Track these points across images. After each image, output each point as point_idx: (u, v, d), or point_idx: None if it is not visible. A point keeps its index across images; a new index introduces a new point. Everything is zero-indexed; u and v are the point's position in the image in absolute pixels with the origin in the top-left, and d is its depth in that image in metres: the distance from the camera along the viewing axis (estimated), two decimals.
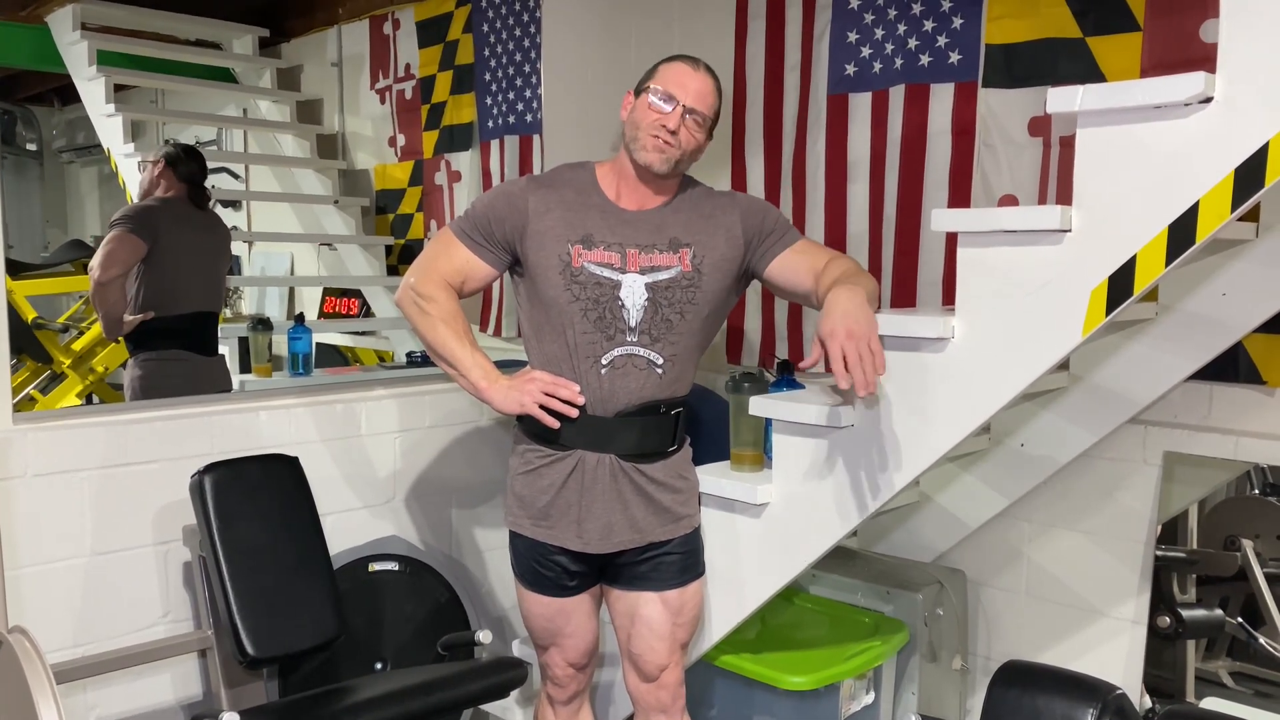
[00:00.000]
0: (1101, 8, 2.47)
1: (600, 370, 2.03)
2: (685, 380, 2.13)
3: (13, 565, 2.12)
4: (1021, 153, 2.63)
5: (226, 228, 3.63)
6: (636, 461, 2.07)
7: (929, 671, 2.68)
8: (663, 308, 2.03)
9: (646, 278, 2.02)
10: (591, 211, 2.05)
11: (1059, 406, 2.51)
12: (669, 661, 2.17)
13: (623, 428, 2.05)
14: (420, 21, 4.03)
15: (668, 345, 2.04)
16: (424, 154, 4.06)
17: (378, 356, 4.31)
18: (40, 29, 3.99)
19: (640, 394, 2.04)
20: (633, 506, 2.07)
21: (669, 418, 2.10)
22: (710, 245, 2.07)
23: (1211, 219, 1.62)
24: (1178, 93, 1.62)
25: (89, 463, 2.29)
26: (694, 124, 2.01)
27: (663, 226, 2.06)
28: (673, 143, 1.99)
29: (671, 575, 2.14)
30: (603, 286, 2.01)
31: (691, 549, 2.19)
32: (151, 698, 2.41)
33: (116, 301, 3.25)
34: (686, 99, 1.99)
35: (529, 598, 2.18)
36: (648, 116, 2.00)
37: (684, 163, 2.04)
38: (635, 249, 2.03)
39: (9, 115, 4.54)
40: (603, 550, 2.08)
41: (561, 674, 2.24)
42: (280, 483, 2.37)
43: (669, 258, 2.04)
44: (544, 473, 2.09)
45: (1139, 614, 2.52)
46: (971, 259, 1.91)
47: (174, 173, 3.36)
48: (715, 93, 2.05)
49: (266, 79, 4.60)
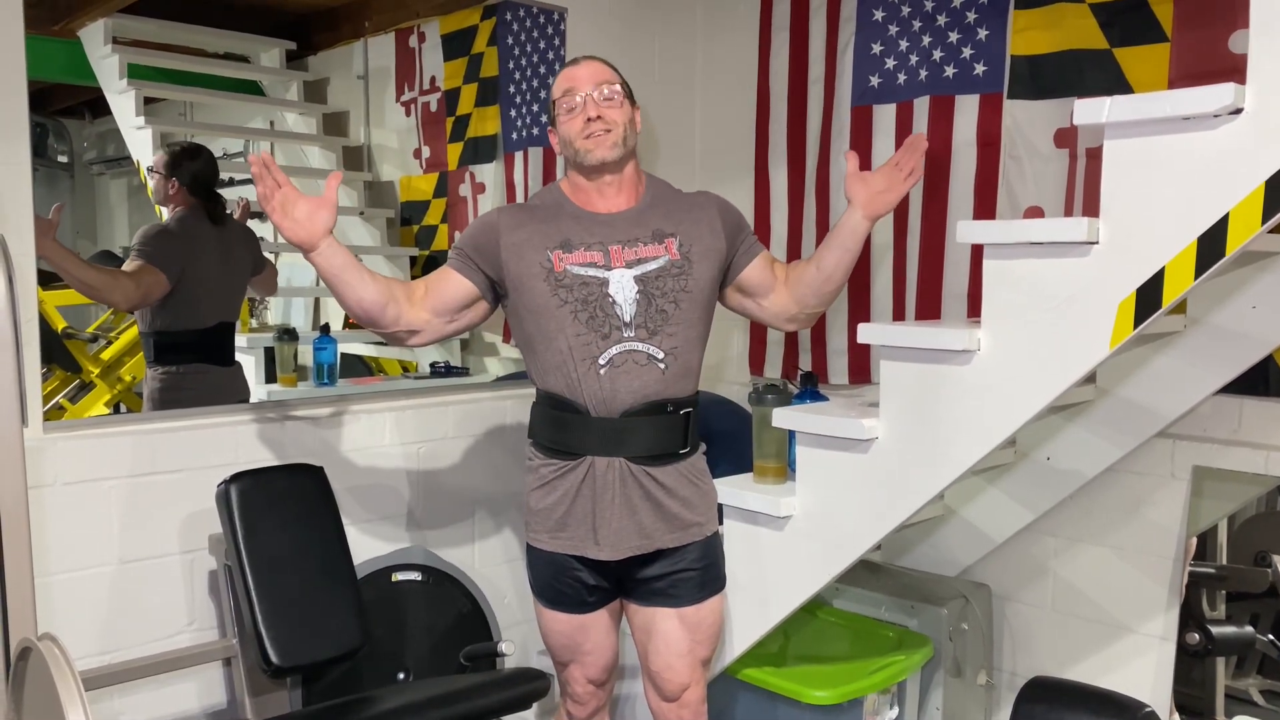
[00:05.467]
0: (1128, 19, 2.45)
1: (599, 370, 2.00)
2: (691, 377, 2.10)
3: (42, 572, 2.14)
4: (1047, 165, 2.62)
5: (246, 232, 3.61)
6: (647, 465, 2.04)
7: (953, 687, 2.66)
8: (656, 299, 2.02)
9: (634, 270, 2.02)
10: (565, 219, 2.07)
11: (1086, 420, 2.49)
12: (689, 680, 2.15)
13: (630, 429, 2.02)
14: (445, 35, 4.06)
15: (666, 338, 2.02)
16: (448, 166, 4.09)
17: (401, 367, 4.33)
18: (72, 43, 4.05)
19: (644, 391, 2.01)
20: (641, 512, 2.05)
21: (678, 417, 2.06)
22: (695, 234, 2.09)
23: (1241, 231, 1.60)
24: (1207, 104, 1.61)
25: (117, 471, 2.32)
26: (608, 100, 2.03)
27: (641, 221, 2.08)
28: (605, 126, 2.02)
29: (689, 591, 2.12)
30: (589, 285, 2.00)
31: (709, 563, 2.15)
32: (177, 705, 2.43)
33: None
34: (585, 87, 2.03)
35: (547, 615, 2.17)
36: (570, 125, 2.04)
37: (629, 139, 2.06)
38: (618, 245, 2.04)
39: (41, 128, 4.59)
40: (616, 556, 2.05)
41: (581, 690, 2.22)
42: (305, 492, 2.38)
43: (654, 248, 2.05)
44: (557, 485, 2.07)
45: (1168, 630, 2.49)
46: (997, 271, 1.90)
47: (180, 184, 3.31)
48: (608, 67, 2.09)
49: (294, 92, 4.64)
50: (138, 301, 3.09)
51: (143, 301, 3.10)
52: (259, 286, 3.74)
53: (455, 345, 3.95)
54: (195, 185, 3.33)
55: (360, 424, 2.70)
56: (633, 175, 2.12)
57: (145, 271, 3.13)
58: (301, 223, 1.97)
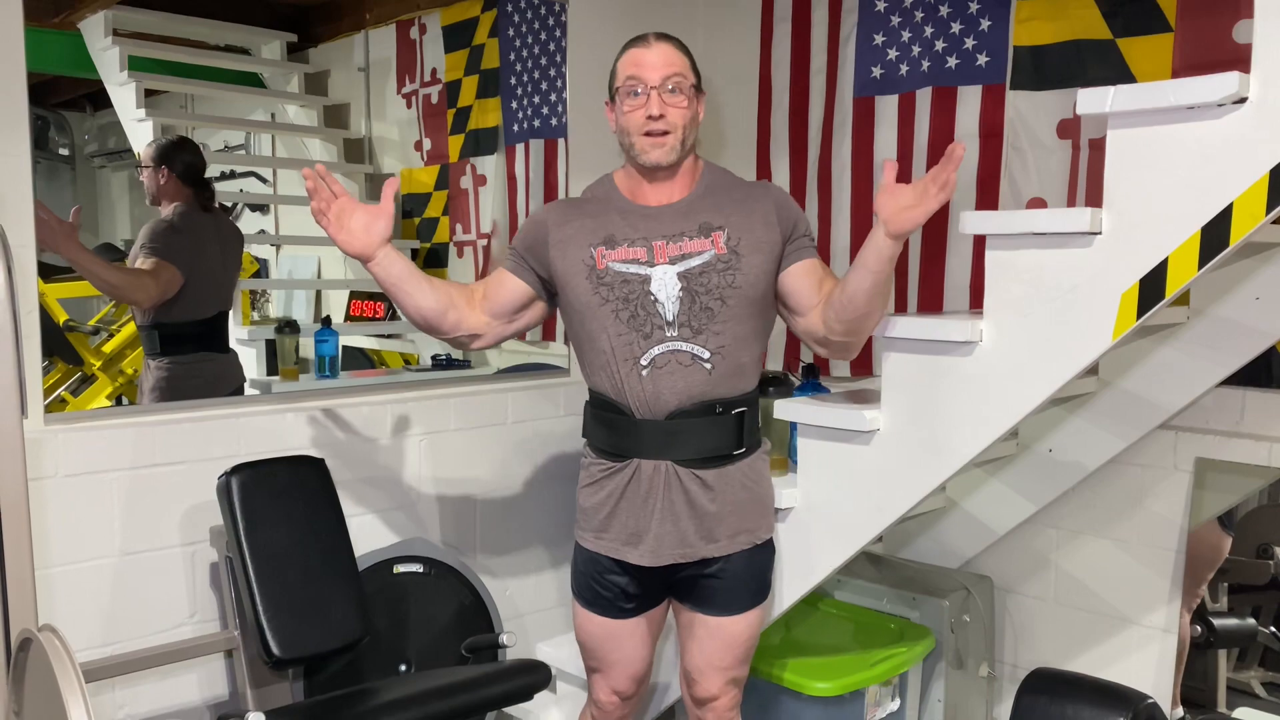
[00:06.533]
0: (1132, 9, 2.44)
1: (640, 371, 1.93)
2: (744, 376, 1.99)
3: (43, 564, 2.14)
4: (1050, 155, 2.61)
5: (233, 225, 3.67)
6: (695, 467, 1.95)
7: (955, 678, 2.66)
8: (700, 296, 1.92)
9: (677, 267, 1.92)
10: (612, 214, 2.00)
11: (1088, 411, 2.49)
12: (718, 693, 2.10)
13: (677, 431, 1.94)
14: (446, 26, 4.05)
15: (712, 337, 1.93)
16: (450, 158, 4.08)
17: (403, 359, 4.33)
18: (73, 35, 4.04)
19: (689, 392, 1.93)
20: (683, 519, 1.96)
21: (729, 418, 1.96)
22: (746, 227, 1.96)
23: (1246, 221, 1.60)
24: (1211, 93, 1.60)
25: (118, 464, 2.32)
26: (674, 96, 1.93)
27: (690, 214, 1.98)
28: (665, 128, 1.92)
29: (729, 601, 2.03)
30: (630, 284, 1.93)
31: (754, 573, 2.05)
32: (178, 697, 2.43)
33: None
34: (653, 78, 1.92)
35: (582, 615, 2.11)
36: (630, 117, 1.94)
37: (688, 139, 1.96)
38: (662, 240, 1.95)
39: (42, 120, 4.59)
40: (655, 564, 1.98)
41: (605, 700, 2.17)
42: (306, 484, 2.38)
43: (700, 243, 1.94)
44: (604, 484, 2.02)
45: (1170, 622, 2.49)
46: (1000, 262, 1.90)
47: (173, 173, 3.35)
48: (679, 52, 1.96)
49: (294, 84, 4.64)
50: (158, 298, 3.15)
51: (161, 297, 3.15)
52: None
53: None
54: (187, 174, 3.39)
55: (361, 416, 2.70)
56: (688, 166, 2.01)
57: (162, 268, 3.18)
58: (357, 234, 1.98)
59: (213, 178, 4.06)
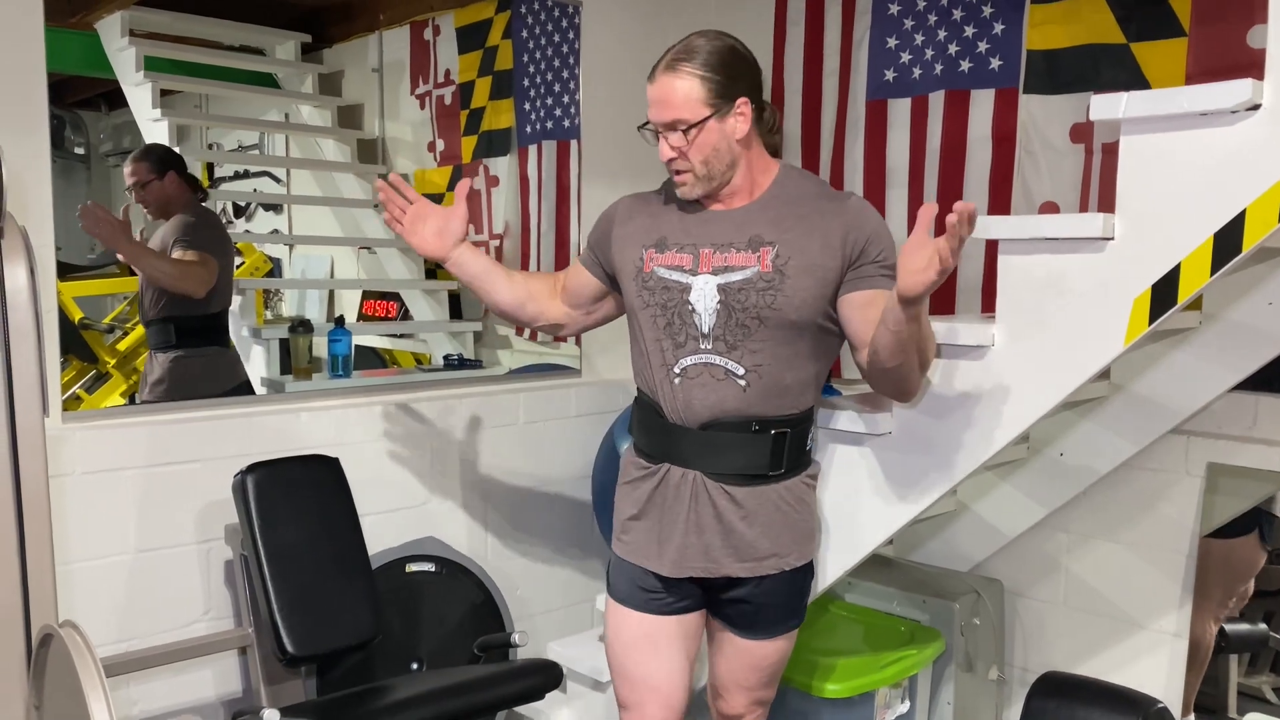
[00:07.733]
0: (1146, 13, 2.44)
1: (673, 379, 1.89)
2: (788, 396, 1.88)
3: (63, 561, 2.16)
4: (1063, 160, 2.61)
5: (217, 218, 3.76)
6: (727, 483, 1.88)
7: (965, 681, 2.66)
8: (736, 312, 1.83)
9: (719, 279, 1.84)
10: (671, 214, 1.94)
11: (1099, 416, 2.49)
12: (743, 712, 2.08)
13: (710, 442, 1.87)
14: (460, 27, 4.06)
15: (748, 354, 1.84)
16: (463, 159, 4.09)
17: (415, 359, 4.35)
18: (90, 35, 4.07)
19: (720, 407, 1.86)
20: (708, 533, 1.89)
21: (765, 437, 1.87)
22: (800, 246, 1.83)
23: (1259, 227, 1.60)
24: (1225, 99, 1.61)
25: (134, 461, 2.34)
26: (679, 136, 1.82)
27: (745, 224, 1.87)
28: (679, 168, 1.85)
29: (756, 624, 1.97)
30: (671, 291, 1.88)
31: (785, 600, 1.96)
32: (193, 693, 2.45)
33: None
34: (660, 119, 1.84)
35: (617, 616, 1.99)
36: (659, 153, 1.88)
37: (715, 168, 1.84)
38: (710, 248, 1.87)
39: (58, 120, 4.63)
40: (676, 574, 1.92)
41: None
42: (321, 483, 2.40)
43: (745, 257, 1.84)
44: (638, 485, 1.97)
45: (1180, 627, 2.48)
46: (1012, 266, 1.90)
47: (180, 177, 3.44)
48: (685, 82, 1.81)
49: (308, 84, 4.66)
50: (207, 286, 3.31)
51: (206, 287, 3.29)
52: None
53: (468, 338, 3.97)
54: (184, 174, 3.45)
55: (375, 416, 2.72)
56: (759, 170, 1.90)
57: (207, 260, 3.31)
58: (430, 239, 2.07)
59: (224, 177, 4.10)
